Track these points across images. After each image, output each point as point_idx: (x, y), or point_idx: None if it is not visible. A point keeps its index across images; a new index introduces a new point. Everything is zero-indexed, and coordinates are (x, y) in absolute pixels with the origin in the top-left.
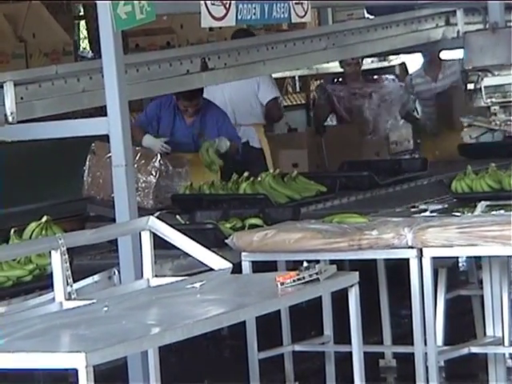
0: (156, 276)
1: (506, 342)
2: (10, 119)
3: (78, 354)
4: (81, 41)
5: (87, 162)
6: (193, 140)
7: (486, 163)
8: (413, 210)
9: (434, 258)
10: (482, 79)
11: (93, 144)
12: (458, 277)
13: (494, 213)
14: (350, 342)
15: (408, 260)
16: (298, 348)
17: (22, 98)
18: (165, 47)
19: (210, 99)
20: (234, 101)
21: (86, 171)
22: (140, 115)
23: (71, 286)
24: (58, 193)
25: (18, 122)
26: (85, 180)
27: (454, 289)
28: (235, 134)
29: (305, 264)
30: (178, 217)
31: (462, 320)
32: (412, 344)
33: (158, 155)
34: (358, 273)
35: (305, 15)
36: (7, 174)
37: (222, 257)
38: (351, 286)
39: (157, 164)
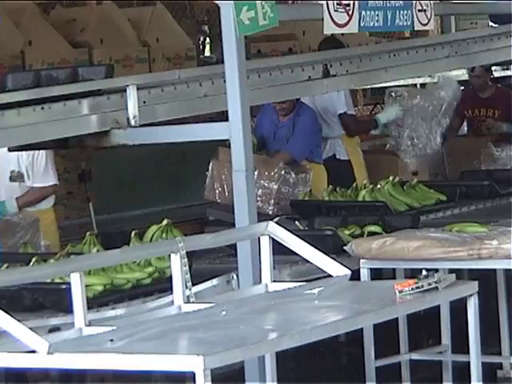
0: (274, 281)
1: None
2: (133, 123)
3: (196, 356)
4: (203, 46)
5: (210, 167)
6: (286, 141)
7: None
8: None
9: None
10: None
11: (218, 149)
12: None
13: None
14: (467, 352)
15: None
16: (415, 357)
17: (144, 102)
18: (287, 53)
19: None
20: (321, 113)
21: (209, 176)
22: None
23: (190, 289)
24: (179, 197)
25: (141, 126)
26: (207, 184)
27: None
28: (305, 148)
29: (424, 272)
30: (297, 223)
31: None
32: None
33: (281, 162)
34: (477, 282)
35: (428, 23)
36: (130, 177)
37: (341, 263)
38: (470, 295)
39: (279, 171)
